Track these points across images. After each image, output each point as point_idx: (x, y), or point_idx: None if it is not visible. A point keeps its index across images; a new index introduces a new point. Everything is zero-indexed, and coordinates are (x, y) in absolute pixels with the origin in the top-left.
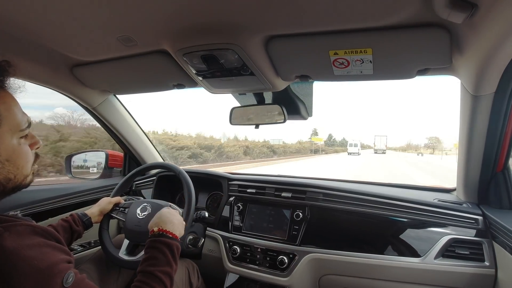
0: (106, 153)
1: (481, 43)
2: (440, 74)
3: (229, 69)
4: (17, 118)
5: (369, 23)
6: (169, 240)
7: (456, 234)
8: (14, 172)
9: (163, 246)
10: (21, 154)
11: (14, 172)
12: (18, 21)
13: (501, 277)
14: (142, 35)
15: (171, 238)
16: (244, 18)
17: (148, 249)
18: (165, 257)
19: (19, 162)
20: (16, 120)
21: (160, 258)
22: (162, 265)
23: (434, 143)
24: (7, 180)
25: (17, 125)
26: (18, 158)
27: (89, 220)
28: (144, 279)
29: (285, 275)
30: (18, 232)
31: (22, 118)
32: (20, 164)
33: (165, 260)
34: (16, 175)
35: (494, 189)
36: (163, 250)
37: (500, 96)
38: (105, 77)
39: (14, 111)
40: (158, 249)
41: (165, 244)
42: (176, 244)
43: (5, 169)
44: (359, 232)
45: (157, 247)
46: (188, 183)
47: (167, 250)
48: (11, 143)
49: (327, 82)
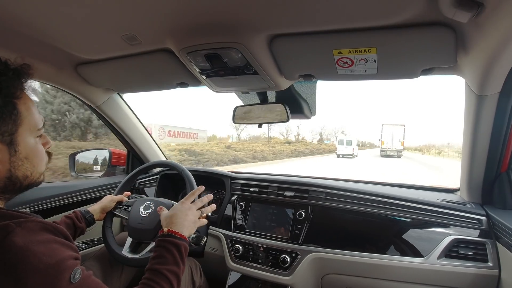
0: (110, 151)
1: (486, 43)
2: (444, 74)
3: (232, 68)
4: (35, 118)
5: (373, 22)
6: (178, 241)
7: (460, 235)
8: (31, 169)
9: (171, 246)
10: (38, 152)
11: (31, 169)
12: (24, 20)
13: (504, 278)
14: (146, 34)
15: (179, 238)
16: (248, 17)
17: (157, 248)
18: (173, 256)
19: (36, 161)
20: (34, 120)
21: (168, 258)
22: (170, 264)
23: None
24: (24, 177)
25: (35, 125)
26: (35, 156)
27: (92, 217)
28: (151, 277)
29: (287, 274)
30: (29, 228)
31: (38, 118)
32: (36, 162)
33: (173, 259)
34: (32, 173)
35: (498, 190)
36: (171, 249)
37: (505, 96)
38: (109, 76)
39: (32, 111)
40: (167, 249)
41: (173, 244)
42: (184, 245)
43: (24, 166)
44: (362, 232)
45: (165, 246)
46: (191, 182)
47: (175, 250)
48: (30, 142)
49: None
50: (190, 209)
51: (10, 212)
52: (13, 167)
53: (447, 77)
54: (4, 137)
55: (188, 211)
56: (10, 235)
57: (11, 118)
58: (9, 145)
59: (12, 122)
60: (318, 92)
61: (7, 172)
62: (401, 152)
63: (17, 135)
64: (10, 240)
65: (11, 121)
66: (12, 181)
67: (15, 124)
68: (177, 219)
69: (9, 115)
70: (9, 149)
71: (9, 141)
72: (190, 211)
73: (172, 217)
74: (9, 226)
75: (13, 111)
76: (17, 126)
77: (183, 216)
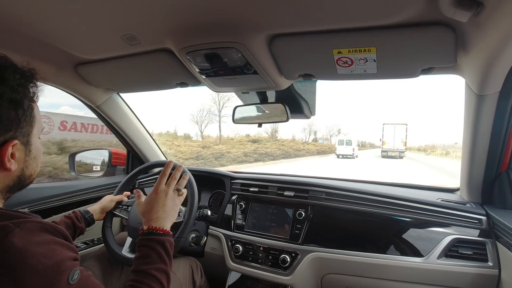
0: (110, 151)
1: (486, 42)
2: (444, 73)
3: (232, 67)
4: (41, 120)
5: (373, 22)
6: (160, 237)
7: (460, 234)
8: (35, 168)
9: (154, 244)
10: (41, 152)
11: (35, 168)
12: (23, 19)
13: (504, 278)
14: (146, 34)
15: (162, 234)
16: (248, 17)
17: (140, 248)
18: (157, 254)
19: (40, 160)
20: (41, 122)
21: (153, 256)
22: (156, 262)
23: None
24: (29, 176)
25: (41, 126)
26: (40, 156)
27: (91, 217)
28: (139, 278)
29: (287, 274)
30: (28, 229)
31: (41, 121)
32: (39, 162)
33: (158, 257)
34: (35, 172)
35: (498, 189)
36: (155, 247)
37: (505, 95)
38: (109, 76)
39: (39, 114)
40: (150, 247)
41: (156, 242)
42: (168, 240)
43: (32, 165)
44: (362, 232)
45: (148, 245)
46: (191, 182)
47: (160, 247)
48: (37, 142)
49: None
50: (166, 194)
51: (9, 212)
52: (25, 166)
53: (452, 76)
54: (24, 137)
55: (164, 199)
56: (8, 236)
57: (30, 120)
58: (25, 145)
59: (30, 124)
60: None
61: (20, 171)
62: (404, 152)
63: (31, 136)
64: (8, 241)
65: (30, 123)
66: (20, 179)
67: (32, 125)
68: (155, 213)
69: (29, 118)
70: (25, 149)
71: (26, 141)
72: (167, 197)
73: (150, 212)
74: (7, 226)
75: (32, 113)
76: (32, 127)
77: (160, 207)
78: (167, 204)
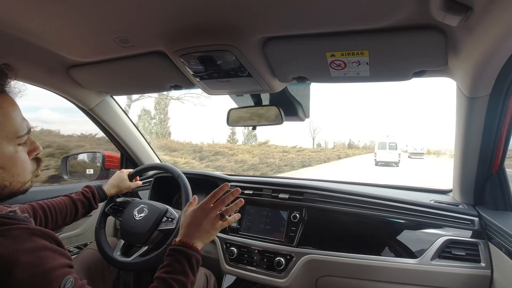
0: (103, 154)
1: (476, 46)
2: (436, 76)
3: (226, 70)
4: (15, 124)
5: (365, 25)
6: (189, 251)
7: (452, 235)
8: (10, 179)
9: (180, 256)
10: (17, 162)
11: (9, 179)
12: (14, 22)
13: (497, 278)
14: (139, 36)
15: (191, 249)
16: (241, 20)
17: (167, 257)
18: (181, 266)
19: (15, 170)
20: (14, 127)
21: (176, 267)
22: (177, 273)
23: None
24: (2, 187)
25: (14, 132)
26: (14, 166)
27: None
28: (157, 285)
29: (282, 277)
30: (13, 236)
31: (21, 124)
32: (16, 172)
33: (181, 269)
34: (11, 182)
35: (490, 190)
36: (180, 259)
37: (495, 98)
38: (102, 78)
39: (12, 116)
40: (175, 258)
41: (183, 254)
42: (196, 256)
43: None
44: (356, 233)
45: (174, 255)
46: (186, 187)
47: (185, 260)
48: (6, 150)
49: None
50: (206, 216)
51: None
52: None
53: (446, 79)
54: None
55: (201, 220)
56: None
57: None
58: None
59: None
60: (317, 92)
61: None
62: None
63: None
64: None
65: None
66: None
67: None
68: (190, 230)
69: None
70: None
71: None
72: (205, 219)
73: (187, 226)
74: None
75: None
76: None
77: (196, 226)
78: (203, 226)
